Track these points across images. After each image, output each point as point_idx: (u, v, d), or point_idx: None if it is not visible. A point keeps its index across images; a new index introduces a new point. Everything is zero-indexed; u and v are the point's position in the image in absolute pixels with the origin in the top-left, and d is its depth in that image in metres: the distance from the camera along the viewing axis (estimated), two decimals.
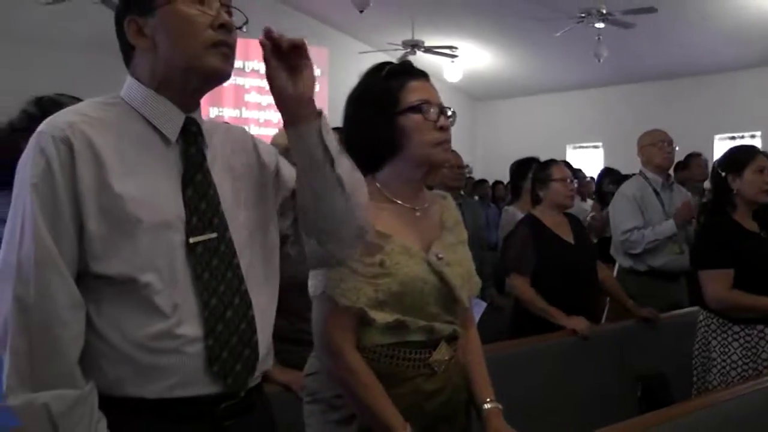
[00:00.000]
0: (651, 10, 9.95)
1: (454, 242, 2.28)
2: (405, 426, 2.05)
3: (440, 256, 2.18)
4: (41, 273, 1.55)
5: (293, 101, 1.70)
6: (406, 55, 11.70)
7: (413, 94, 2.17)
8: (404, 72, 2.23)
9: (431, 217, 2.29)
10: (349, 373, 2.10)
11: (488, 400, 2.24)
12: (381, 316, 2.09)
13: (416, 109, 2.15)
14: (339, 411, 2.20)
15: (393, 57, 2.53)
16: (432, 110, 2.16)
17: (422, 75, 2.25)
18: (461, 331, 2.27)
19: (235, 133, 1.90)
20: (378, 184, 2.22)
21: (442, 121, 2.17)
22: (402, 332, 2.12)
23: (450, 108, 2.22)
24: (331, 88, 13.55)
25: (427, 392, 2.14)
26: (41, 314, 1.55)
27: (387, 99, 2.17)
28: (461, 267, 2.24)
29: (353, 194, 1.79)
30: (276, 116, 13.11)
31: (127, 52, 1.74)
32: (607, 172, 8.06)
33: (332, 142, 1.74)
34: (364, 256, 2.09)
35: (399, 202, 2.22)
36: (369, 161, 2.22)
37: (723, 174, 3.86)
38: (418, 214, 2.24)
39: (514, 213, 5.57)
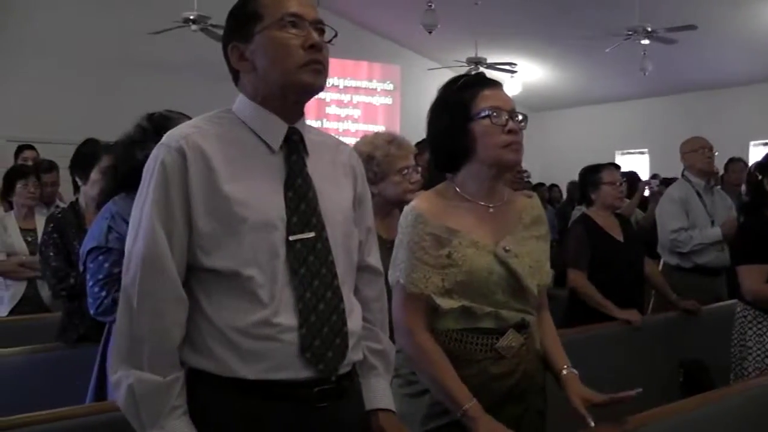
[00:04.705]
0: (691, 27, 9.75)
1: (527, 237, 2.25)
2: (471, 399, 2.05)
3: (507, 248, 2.17)
4: (145, 268, 1.60)
5: None
6: (470, 71, 11.64)
7: (484, 102, 2.16)
8: (477, 83, 2.23)
9: (507, 213, 2.26)
10: (419, 351, 2.13)
11: (565, 367, 2.25)
12: (447, 303, 2.10)
13: (485, 115, 2.14)
14: (413, 386, 2.21)
15: (458, 73, 2.55)
16: (500, 115, 2.14)
17: (495, 84, 2.24)
18: (533, 318, 2.24)
19: (342, 150, 1.91)
20: (456, 186, 2.23)
21: (510, 125, 2.14)
22: (471, 319, 2.12)
23: (520, 113, 2.19)
24: (403, 101, 13.58)
25: (494, 375, 2.13)
26: (140, 304, 1.59)
27: (460, 108, 2.17)
28: (530, 258, 2.21)
29: None
30: (354, 126, 13.20)
31: (235, 72, 1.77)
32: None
33: None
34: (434, 249, 2.11)
35: (473, 200, 2.21)
36: (449, 163, 2.25)
37: (759, 177, 3.80)
38: (491, 210, 2.23)
39: None
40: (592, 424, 2.12)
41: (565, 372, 2.24)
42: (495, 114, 2.14)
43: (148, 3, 10.89)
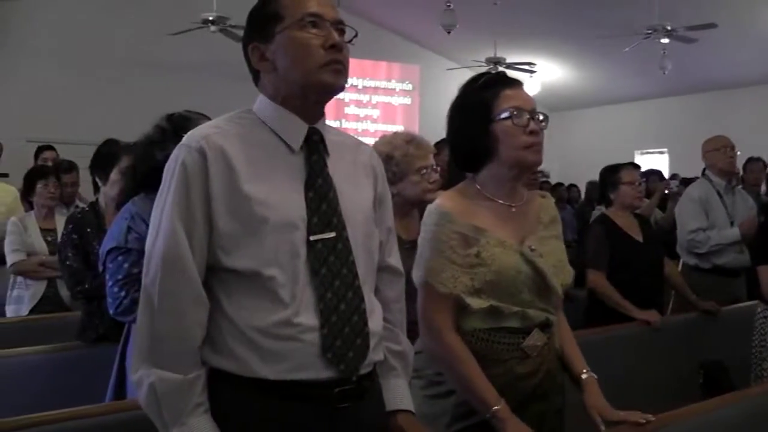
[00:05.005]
0: (711, 26, 9.68)
1: (547, 236, 2.24)
2: (499, 400, 2.05)
3: (533, 247, 2.16)
4: (166, 269, 1.60)
5: None
6: (489, 71, 11.60)
7: (505, 102, 2.14)
8: (498, 82, 2.20)
9: (527, 213, 2.25)
10: (448, 351, 2.11)
11: (584, 371, 2.24)
12: (476, 302, 2.09)
13: (506, 116, 2.12)
14: (438, 386, 2.21)
15: (478, 73, 2.53)
16: (521, 116, 2.12)
17: (516, 83, 2.21)
18: (555, 317, 2.23)
19: (363, 150, 1.91)
20: (478, 185, 2.22)
21: (531, 125, 2.13)
22: (497, 318, 2.11)
23: (541, 113, 2.17)
24: (422, 101, 13.57)
25: (520, 374, 2.12)
26: (160, 304, 1.59)
27: (481, 109, 2.15)
28: (553, 257, 2.21)
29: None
30: (373, 126, 13.20)
31: (255, 73, 1.77)
32: None
33: None
34: (461, 248, 2.10)
35: (496, 199, 2.20)
36: (470, 164, 2.23)
37: None
38: (513, 210, 2.22)
39: None
40: (603, 428, 2.14)
41: (584, 376, 2.23)
42: (516, 114, 2.12)
43: (167, 4, 10.98)
